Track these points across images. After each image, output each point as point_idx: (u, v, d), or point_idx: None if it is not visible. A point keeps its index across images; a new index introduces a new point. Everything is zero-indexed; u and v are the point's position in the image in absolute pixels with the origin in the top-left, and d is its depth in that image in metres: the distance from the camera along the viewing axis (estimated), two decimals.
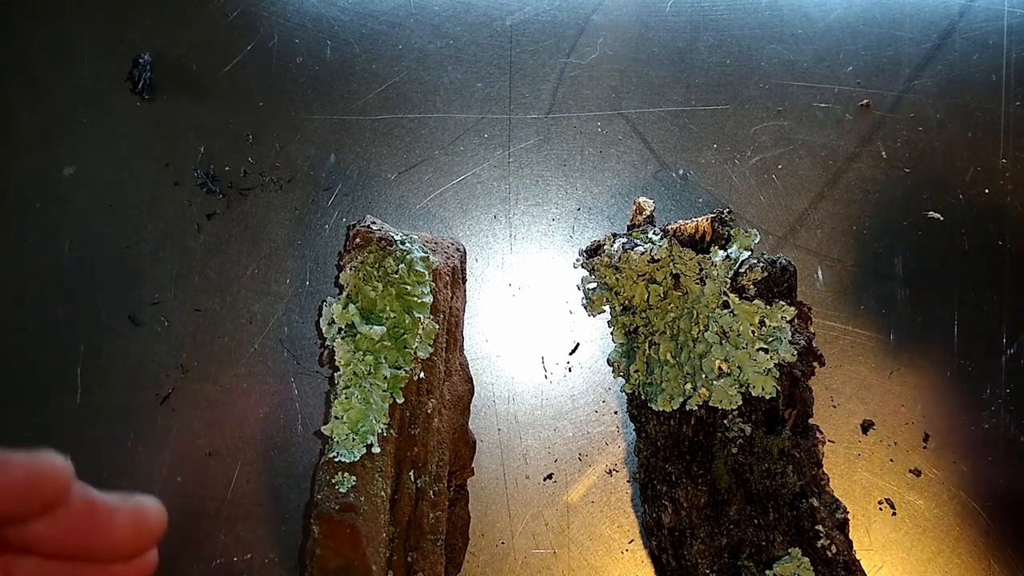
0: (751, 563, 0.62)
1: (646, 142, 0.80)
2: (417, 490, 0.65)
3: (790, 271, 0.67)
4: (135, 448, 0.76)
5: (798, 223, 0.78)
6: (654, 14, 0.82)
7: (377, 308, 0.65)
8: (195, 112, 0.81)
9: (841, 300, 0.77)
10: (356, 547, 0.58)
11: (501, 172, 0.80)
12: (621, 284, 0.70)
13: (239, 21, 0.83)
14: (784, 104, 0.80)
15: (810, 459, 0.64)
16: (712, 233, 0.69)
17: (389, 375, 0.64)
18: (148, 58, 0.81)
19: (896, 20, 0.82)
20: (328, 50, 0.82)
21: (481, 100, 0.81)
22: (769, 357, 0.64)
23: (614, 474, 0.75)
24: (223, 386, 0.77)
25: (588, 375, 0.77)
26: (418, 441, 0.65)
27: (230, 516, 0.75)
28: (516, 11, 0.83)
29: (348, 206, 0.80)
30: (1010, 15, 0.81)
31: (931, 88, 0.80)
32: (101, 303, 0.78)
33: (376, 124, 0.81)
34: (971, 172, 0.79)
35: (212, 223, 0.79)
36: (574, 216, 0.79)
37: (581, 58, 0.82)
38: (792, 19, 0.82)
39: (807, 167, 0.79)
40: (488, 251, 0.79)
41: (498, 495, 0.75)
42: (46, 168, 0.80)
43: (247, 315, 0.78)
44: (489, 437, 0.75)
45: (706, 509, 0.64)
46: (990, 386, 0.75)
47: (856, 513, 0.73)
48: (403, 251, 0.67)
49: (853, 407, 0.75)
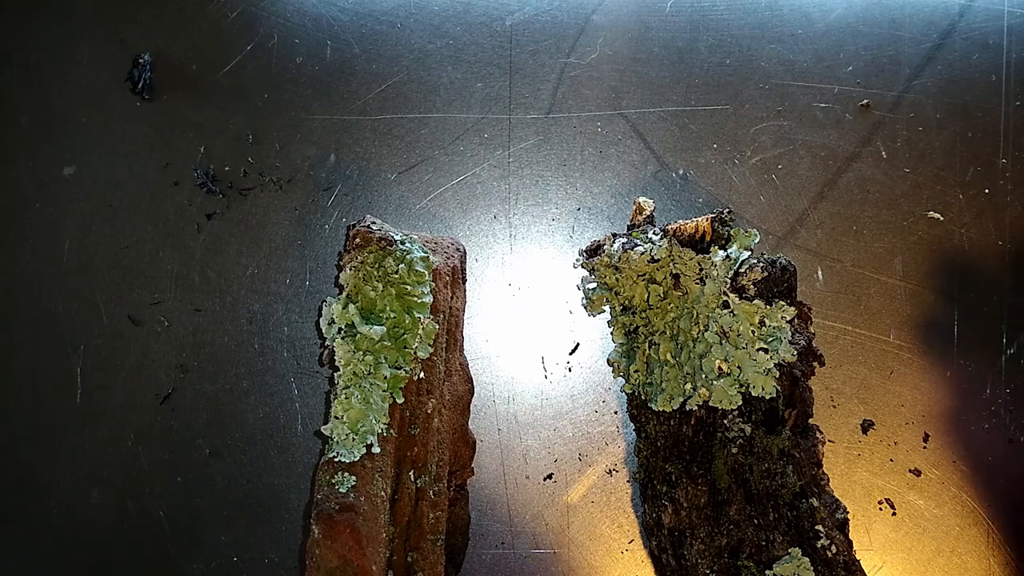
0: (751, 563, 0.62)
1: (646, 142, 0.80)
2: (417, 490, 0.65)
3: (790, 271, 0.67)
4: (135, 448, 0.76)
5: (798, 223, 0.78)
6: (654, 14, 0.82)
7: (377, 308, 0.65)
8: (195, 112, 0.81)
9: (841, 300, 0.77)
10: (356, 547, 0.58)
11: (501, 172, 0.80)
12: (621, 284, 0.70)
13: (239, 21, 0.83)
14: (784, 104, 0.80)
15: (810, 459, 0.64)
16: (712, 233, 0.69)
17: (389, 375, 0.64)
18: (148, 58, 0.81)
19: (896, 20, 0.82)
20: (328, 50, 0.82)
21: (481, 100, 0.81)
22: (769, 357, 0.64)
23: (614, 474, 0.75)
24: (223, 386, 0.77)
25: (588, 375, 0.77)
26: (418, 441, 0.65)
27: (230, 516, 0.75)
28: (516, 11, 0.83)
29: (348, 206, 0.80)
30: (1010, 15, 0.81)
31: (931, 88, 0.80)
32: (101, 303, 0.78)
33: (376, 124, 0.81)
34: (971, 172, 0.79)
35: (212, 223, 0.79)
36: (574, 216, 0.79)
37: (581, 58, 0.82)
38: (792, 19, 0.82)
39: (807, 167, 0.79)
40: (488, 251, 0.79)
41: (498, 495, 0.75)
42: (46, 168, 0.80)
43: (247, 315, 0.78)
44: (489, 437, 0.75)
45: (706, 509, 0.64)
46: (990, 386, 0.75)
47: (856, 513, 0.73)
48: (403, 251, 0.67)
49: (853, 407, 0.75)
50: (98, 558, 0.74)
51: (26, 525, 0.75)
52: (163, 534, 0.74)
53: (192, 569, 0.74)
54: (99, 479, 0.75)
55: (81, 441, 0.76)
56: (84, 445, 0.76)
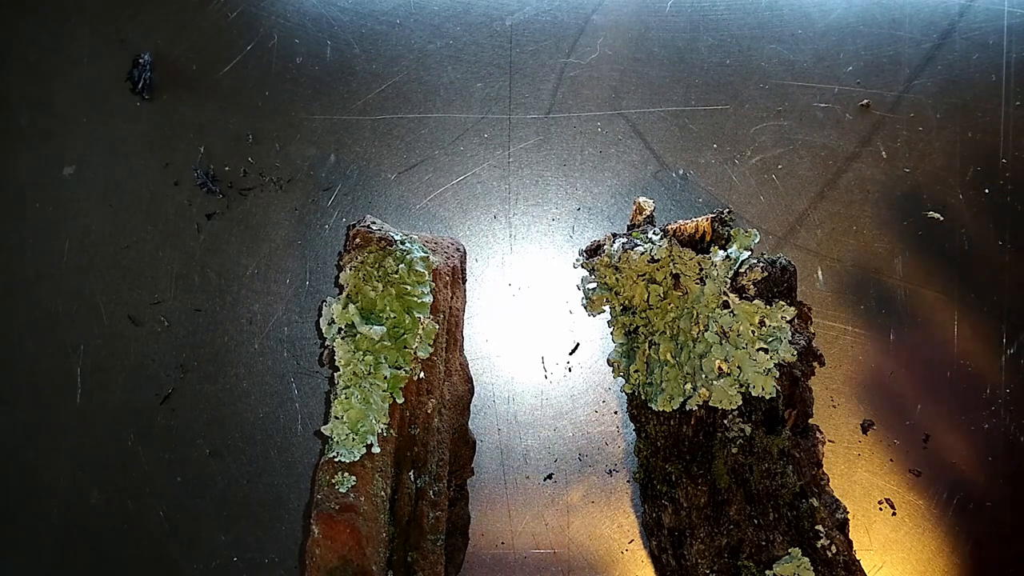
0: (751, 563, 0.62)
1: (646, 142, 0.80)
2: (417, 490, 0.65)
3: (790, 271, 0.67)
4: (135, 448, 0.76)
5: (798, 223, 0.78)
6: (654, 14, 0.82)
7: (377, 308, 0.65)
8: (195, 112, 0.81)
9: (841, 300, 0.77)
10: (356, 547, 0.58)
11: (501, 172, 0.80)
12: (621, 284, 0.70)
13: (239, 21, 0.83)
14: (784, 104, 0.80)
15: (810, 459, 0.64)
16: (712, 233, 0.69)
17: (389, 375, 0.64)
18: (148, 58, 0.81)
19: (896, 20, 0.82)
20: (328, 50, 0.82)
21: (481, 100, 0.81)
22: (769, 357, 0.64)
23: (614, 474, 0.75)
24: (223, 386, 0.77)
25: (588, 375, 0.76)
26: (418, 441, 0.65)
27: (230, 516, 0.75)
28: (516, 11, 0.83)
29: (348, 206, 0.80)
30: (1010, 15, 0.81)
31: (931, 88, 0.80)
32: (101, 303, 0.78)
33: (376, 124, 0.81)
34: (971, 172, 0.79)
35: (212, 223, 0.79)
36: (574, 216, 0.79)
37: (581, 58, 0.82)
38: (792, 19, 0.82)
39: (807, 167, 0.79)
40: (488, 251, 0.79)
41: (498, 495, 0.75)
42: (46, 168, 0.80)
43: (247, 315, 0.78)
44: (489, 437, 0.75)
45: (706, 509, 0.64)
46: (990, 386, 0.75)
47: (856, 513, 0.73)
48: (403, 251, 0.67)
49: (853, 407, 0.75)
50: (98, 558, 0.74)
51: (26, 525, 0.75)
52: (163, 534, 0.74)
53: (192, 569, 0.74)
54: (99, 479, 0.75)
55: (81, 441, 0.76)
56: (84, 445, 0.76)
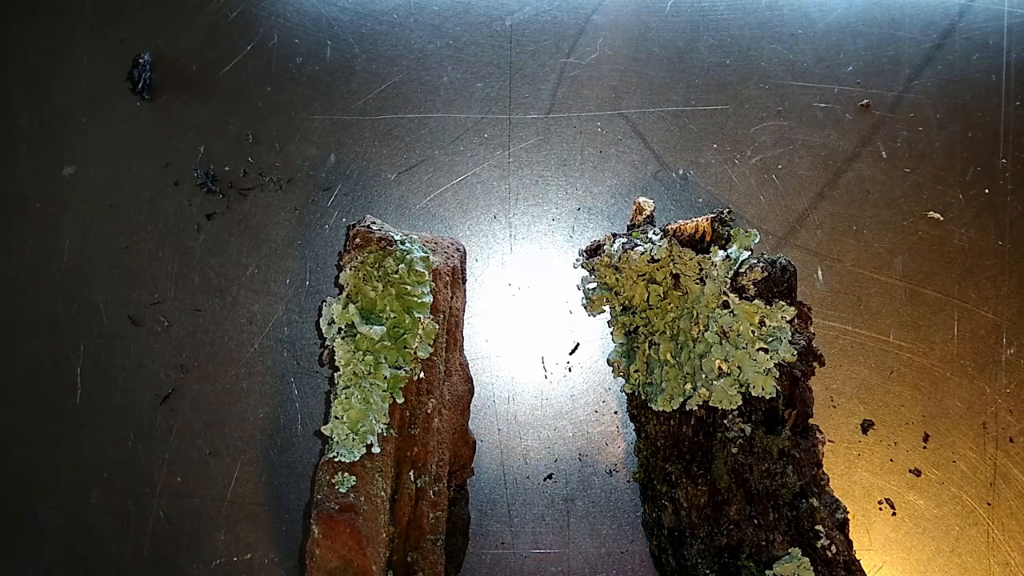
0: (751, 563, 0.62)
1: (646, 142, 0.80)
2: (417, 490, 0.65)
3: (790, 271, 0.67)
4: (135, 448, 0.76)
5: (798, 223, 0.78)
6: (654, 14, 0.82)
7: (377, 308, 0.65)
8: (195, 112, 0.81)
9: (841, 300, 0.77)
10: (356, 547, 0.58)
11: (501, 172, 0.80)
12: (621, 284, 0.70)
13: (239, 21, 0.83)
14: (784, 104, 0.80)
15: (810, 459, 0.64)
16: (712, 233, 0.69)
17: (389, 375, 0.64)
18: (148, 58, 0.81)
19: (896, 20, 0.82)
20: (328, 50, 0.82)
21: (481, 100, 0.81)
22: (769, 357, 0.64)
23: (614, 474, 0.75)
24: (223, 386, 0.77)
25: (588, 375, 0.77)
26: (418, 441, 0.65)
27: (230, 516, 0.75)
28: (516, 11, 0.83)
29: (348, 206, 0.80)
30: (1010, 15, 0.81)
31: (931, 88, 0.80)
32: (101, 303, 0.78)
33: (376, 124, 0.81)
34: (971, 172, 0.79)
35: (212, 223, 0.79)
36: (574, 216, 0.79)
37: (581, 58, 0.82)
38: (792, 19, 0.82)
39: (807, 167, 0.79)
40: (488, 251, 0.79)
41: (498, 495, 0.75)
42: (46, 168, 0.80)
43: (247, 315, 0.78)
44: (489, 437, 0.75)
45: (706, 509, 0.64)
46: (990, 386, 0.75)
47: (856, 513, 0.73)
48: (403, 251, 0.67)
49: (853, 407, 0.75)
50: (98, 558, 0.74)
51: (26, 525, 0.75)
52: (163, 534, 0.74)
53: (192, 569, 0.74)
54: (99, 479, 0.75)
55: (81, 441, 0.76)
56: (84, 445, 0.76)
